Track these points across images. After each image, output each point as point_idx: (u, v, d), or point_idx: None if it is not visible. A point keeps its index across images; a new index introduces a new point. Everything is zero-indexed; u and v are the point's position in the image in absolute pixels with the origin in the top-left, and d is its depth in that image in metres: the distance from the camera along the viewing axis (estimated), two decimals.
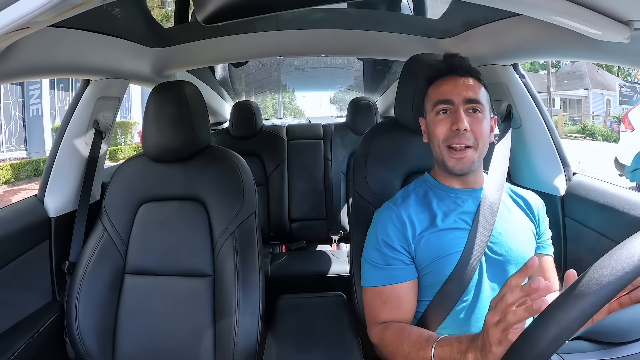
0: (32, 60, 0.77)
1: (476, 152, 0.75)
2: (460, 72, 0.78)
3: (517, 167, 1.19)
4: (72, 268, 0.96)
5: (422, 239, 0.76)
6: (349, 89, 3.62)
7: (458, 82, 0.76)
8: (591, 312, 0.37)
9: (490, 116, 0.79)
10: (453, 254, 0.74)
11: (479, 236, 0.73)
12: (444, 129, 0.75)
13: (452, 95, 0.75)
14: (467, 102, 0.75)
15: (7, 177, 6.68)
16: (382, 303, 0.76)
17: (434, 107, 0.78)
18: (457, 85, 0.76)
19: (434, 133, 0.77)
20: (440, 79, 0.79)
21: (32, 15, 0.43)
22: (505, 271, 0.75)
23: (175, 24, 1.53)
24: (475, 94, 0.75)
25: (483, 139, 0.75)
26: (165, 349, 0.90)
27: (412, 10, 1.64)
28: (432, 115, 0.78)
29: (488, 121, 0.77)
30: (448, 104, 0.76)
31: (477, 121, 0.74)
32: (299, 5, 0.58)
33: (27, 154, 8.14)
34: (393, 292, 0.75)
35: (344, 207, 1.91)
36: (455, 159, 0.75)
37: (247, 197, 0.94)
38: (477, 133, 0.74)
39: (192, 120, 0.95)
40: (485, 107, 0.77)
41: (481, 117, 0.75)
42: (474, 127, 0.74)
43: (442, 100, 0.76)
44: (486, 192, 0.79)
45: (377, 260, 0.77)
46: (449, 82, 0.77)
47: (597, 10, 0.58)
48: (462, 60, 0.80)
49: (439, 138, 0.76)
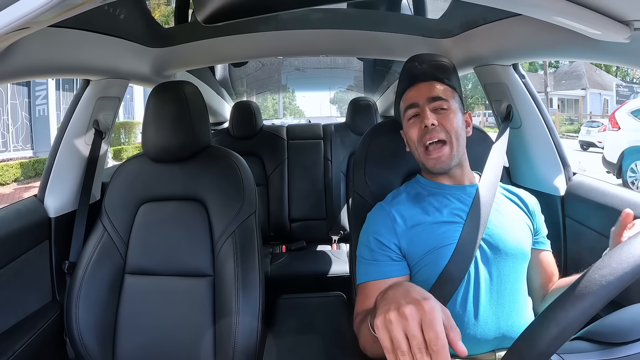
0: (32, 60, 0.77)
1: (451, 147, 0.78)
2: (422, 78, 0.84)
3: (517, 167, 1.19)
4: (72, 268, 0.96)
5: (414, 232, 0.76)
6: (349, 89, 3.61)
7: (420, 87, 0.83)
8: (591, 312, 0.38)
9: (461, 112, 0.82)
10: (447, 245, 0.73)
11: (474, 228, 0.74)
12: (416, 130, 0.80)
13: (417, 99, 0.81)
14: (430, 100, 0.80)
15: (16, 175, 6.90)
16: (365, 298, 0.75)
17: (405, 114, 0.84)
18: (420, 89, 0.82)
19: (410, 137, 0.82)
20: (407, 90, 0.85)
21: (32, 15, 0.42)
22: (501, 263, 0.75)
23: (175, 24, 1.53)
24: (437, 92, 0.80)
25: (455, 132, 0.78)
26: (165, 349, 0.90)
27: (412, 10, 1.64)
28: (405, 122, 0.84)
29: (458, 116, 0.80)
30: (414, 107, 0.81)
31: (444, 117, 0.78)
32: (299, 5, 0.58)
33: (33, 153, 8.29)
34: (378, 287, 0.74)
35: (344, 207, 1.91)
36: (432, 159, 0.78)
37: (247, 197, 0.94)
38: (448, 127, 0.77)
39: (192, 120, 0.95)
40: (451, 102, 0.80)
41: (448, 112, 0.79)
42: (443, 121, 0.78)
43: (409, 105, 0.82)
44: (480, 186, 0.80)
45: (366, 257, 0.78)
46: (413, 89, 0.84)
47: (597, 10, 0.58)
48: (426, 66, 0.88)
49: (414, 140, 0.81)
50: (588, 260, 0.59)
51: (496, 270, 0.74)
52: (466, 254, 0.72)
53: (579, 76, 15.75)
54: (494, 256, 0.75)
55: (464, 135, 0.81)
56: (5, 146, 7.66)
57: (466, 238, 0.73)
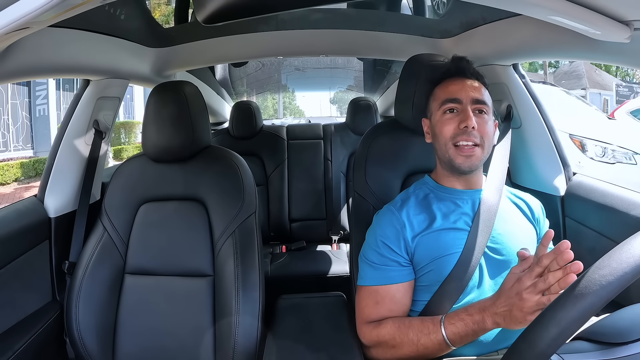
0: (32, 60, 0.77)
1: (483, 151, 0.77)
2: (467, 75, 0.80)
3: (517, 167, 1.19)
4: (72, 268, 0.96)
5: (421, 239, 0.76)
6: (349, 89, 3.61)
7: (466, 83, 0.78)
8: (591, 312, 0.38)
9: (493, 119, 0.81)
10: (452, 254, 0.74)
11: (479, 236, 0.74)
12: (452, 127, 0.77)
13: (461, 95, 0.77)
14: (474, 102, 0.77)
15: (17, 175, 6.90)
16: (375, 303, 0.76)
17: (441, 106, 0.79)
18: (465, 86, 0.78)
19: (441, 132, 0.78)
20: (448, 79, 0.81)
21: (32, 15, 0.42)
22: (505, 270, 0.75)
23: (175, 24, 1.53)
24: (482, 96, 0.78)
25: (488, 138, 0.77)
26: (165, 349, 0.90)
27: (412, 10, 1.64)
28: (439, 114, 0.79)
29: (492, 122, 0.79)
30: (456, 103, 0.77)
31: (483, 121, 0.76)
32: (299, 5, 0.58)
33: (33, 152, 8.30)
34: (388, 293, 0.75)
35: (344, 207, 1.91)
36: (463, 156, 0.76)
37: (247, 197, 0.94)
38: (484, 132, 0.76)
39: (192, 120, 0.95)
40: (490, 109, 0.79)
41: (487, 118, 0.77)
42: (481, 126, 0.76)
43: (451, 99, 0.78)
44: (485, 192, 0.79)
45: (374, 260, 0.78)
46: (457, 82, 0.79)
47: (597, 10, 0.58)
48: (469, 63, 0.82)
49: (446, 137, 0.77)
50: (588, 260, 0.59)
51: (500, 277, 0.74)
52: (470, 262, 0.72)
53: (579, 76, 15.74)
54: (499, 263, 0.75)
55: (492, 143, 0.80)
56: (5, 146, 7.67)
57: (471, 246, 0.73)
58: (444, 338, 0.65)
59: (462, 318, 0.64)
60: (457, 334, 0.64)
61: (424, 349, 0.68)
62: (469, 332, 0.63)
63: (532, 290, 0.56)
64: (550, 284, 0.55)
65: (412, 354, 0.69)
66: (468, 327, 0.62)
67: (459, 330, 0.63)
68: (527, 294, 0.57)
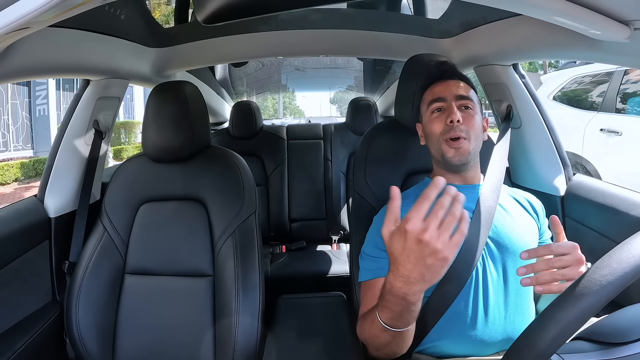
0: (32, 60, 0.77)
1: (470, 144, 0.79)
2: (450, 76, 0.85)
3: (517, 167, 1.19)
4: (72, 268, 0.96)
5: None
6: (349, 89, 3.61)
7: (449, 84, 0.84)
8: (591, 312, 0.38)
9: (482, 116, 0.84)
10: None
11: (478, 230, 0.74)
12: (440, 125, 0.81)
13: (445, 94, 0.82)
14: (458, 98, 0.81)
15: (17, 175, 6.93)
16: (372, 296, 0.74)
17: (429, 107, 0.84)
18: (449, 85, 0.83)
19: (431, 131, 0.82)
20: (434, 83, 0.86)
21: (32, 15, 0.43)
22: (508, 263, 0.75)
23: (175, 24, 1.53)
24: (466, 92, 0.82)
25: (475, 132, 0.80)
26: (165, 349, 0.90)
27: (412, 10, 1.64)
28: (428, 115, 0.84)
29: (480, 117, 0.82)
30: (441, 101, 0.82)
31: (468, 115, 0.80)
32: (299, 5, 0.58)
33: (33, 153, 8.32)
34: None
35: (344, 207, 1.91)
36: (453, 148, 0.79)
37: (247, 197, 0.94)
38: (469, 125, 0.79)
39: (192, 120, 0.95)
40: (476, 105, 0.82)
41: (472, 112, 0.81)
42: (466, 120, 0.79)
43: (436, 99, 0.83)
44: (484, 189, 0.80)
45: (374, 254, 0.78)
46: (441, 84, 0.84)
47: (597, 10, 0.58)
48: (452, 66, 0.90)
49: (436, 134, 0.81)
50: (588, 260, 0.59)
51: (503, 269, 0.75)
52: (471, 255, 0.72)
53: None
54: (501, 255, 0.76)
55: (481, 137, 0.82)
56: (5, 146, 7.68)
57: (471, 239, 0.73)
58: (382, 324, 0.60)
59: (385, 299, 0.59)
60: (389, 318, 0.59)
61: (382, 341, 0.65)
62: (395, 310, 0.58)
63: (428, 229, 0.53)
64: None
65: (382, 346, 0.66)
66: (391, 304, 0.57)
67: (387, 311, 0.59)
68: (427, 237, 0.53)
